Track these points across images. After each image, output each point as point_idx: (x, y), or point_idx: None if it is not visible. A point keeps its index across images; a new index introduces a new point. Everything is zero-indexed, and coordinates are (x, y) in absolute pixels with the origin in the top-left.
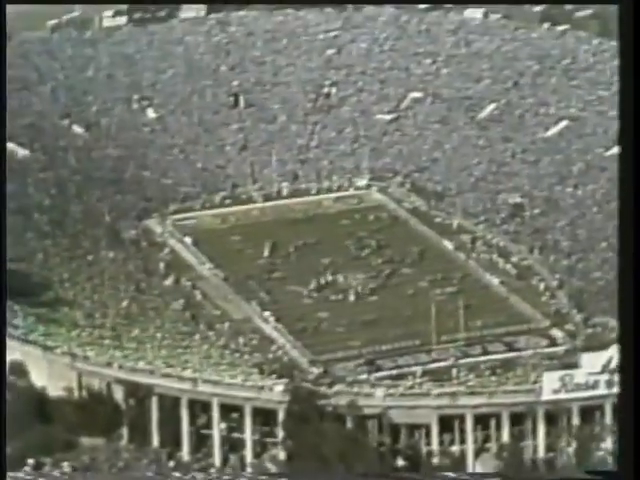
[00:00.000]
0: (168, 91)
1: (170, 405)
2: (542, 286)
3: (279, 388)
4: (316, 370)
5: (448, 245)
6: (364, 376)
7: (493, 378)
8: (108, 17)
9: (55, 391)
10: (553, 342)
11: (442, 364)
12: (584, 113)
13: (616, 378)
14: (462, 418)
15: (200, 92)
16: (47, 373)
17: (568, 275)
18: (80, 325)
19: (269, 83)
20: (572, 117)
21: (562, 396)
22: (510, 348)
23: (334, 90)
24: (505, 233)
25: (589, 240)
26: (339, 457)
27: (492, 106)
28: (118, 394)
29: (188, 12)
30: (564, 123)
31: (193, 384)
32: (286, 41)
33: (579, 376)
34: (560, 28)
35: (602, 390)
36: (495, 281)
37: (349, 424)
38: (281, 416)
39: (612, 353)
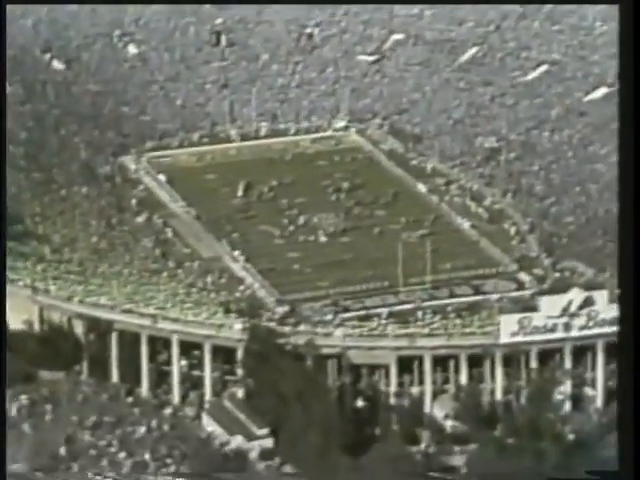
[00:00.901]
0: (151, 27)
1: (131, 341)
2: (513, 230)
3: (238, 326)
4: (282, 309)
5: (422, 188)
6: (330, 316)
7: (458, 321)
8: None
9: (16, 324)
10: (521, 286)
11: (408, 306)
12: (565, 58)
13: (575, 321)
14: (421, 359)
15: (183, 29)
16: (9, 305)
17: (540, 219)
18: (47, 259)
19: (252, 22)
20: (553, 61)
21: (520, 339)
22: (477, 291)
23: (317, 30)
24: (480, 177)
25: (563, 184)
26: (297, 396)
27: (474, 49)
28: (79, 329)
29: None
30: (544, 67)
31: (153, 320)
32: None
33: (537, 319)
34: None
35: (560, 334)
36: (466, 224)
37: (308, 363)
38: (240, 354)
39: (572, 296)
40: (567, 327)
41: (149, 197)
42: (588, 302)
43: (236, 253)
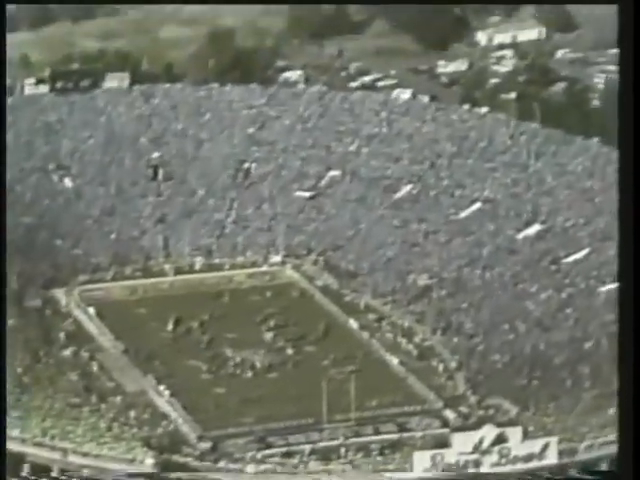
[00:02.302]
0: (87, 160)
1: (43, 475)
2: (441, 367)
3: (150, 461)
4: (204, 445)
5: (353, 324)
6: (252, 453)
7: (379, 458)
8: (30, 85)
9: None
10: (445, 423)
11: (331, 443)
12: (498, 195)
13: (486, 458)
14: None
15: (119, 163)
16: None
17: (467, 357)
18: None
19: (190, 156)
20: (486, 199)
21: (432, 476)
22: (402, 428)
23: (254, 166)
24: (411, 314)
25: (492, 322)
26: None
27: (409, 187)
28: None
29: (112, 82)
30: (477, 205)
31: (63, 454)
32: (209, 115)
33: (450, 455)
34: (480, 110)
35: (472, 470)
36: (395, 361)
37: None
38: None
39: (484, 433)
40: (478, 464)
41: (78, 330)
42: (501, 439)
43: (161, 388)
